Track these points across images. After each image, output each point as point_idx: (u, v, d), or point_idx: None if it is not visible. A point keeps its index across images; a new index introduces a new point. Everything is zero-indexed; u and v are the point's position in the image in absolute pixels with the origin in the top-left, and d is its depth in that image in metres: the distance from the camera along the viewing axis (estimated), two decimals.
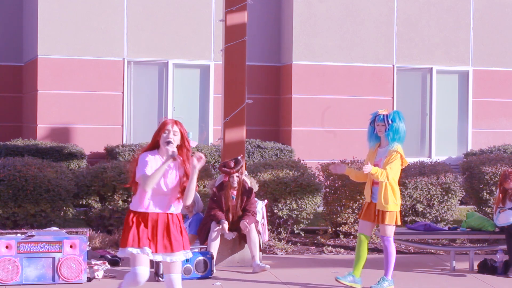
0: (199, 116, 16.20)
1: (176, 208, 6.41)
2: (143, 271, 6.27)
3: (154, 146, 6.40)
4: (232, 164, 9.59)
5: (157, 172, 6.21)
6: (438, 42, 16.68)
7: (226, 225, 9.48)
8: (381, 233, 8.67)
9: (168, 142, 6.27)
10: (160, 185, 6.29)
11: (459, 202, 12.14)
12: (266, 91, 16.57)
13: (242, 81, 10.07)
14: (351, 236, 11.60)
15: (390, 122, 8.56)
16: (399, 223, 8.68)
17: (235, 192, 9.65)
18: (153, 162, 6.29)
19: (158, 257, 6.33)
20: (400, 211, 8.78)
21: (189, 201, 6.41)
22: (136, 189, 6.38)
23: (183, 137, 6.41)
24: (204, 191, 10.86)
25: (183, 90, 16.09)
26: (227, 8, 10.05)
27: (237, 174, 9.59)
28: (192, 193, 6.33)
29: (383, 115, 8.60)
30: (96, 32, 15.54)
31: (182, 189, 6.35)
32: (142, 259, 6.29)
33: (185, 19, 15.94)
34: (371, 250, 10.72)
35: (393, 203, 8.54)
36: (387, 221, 8.53)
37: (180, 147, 6.39)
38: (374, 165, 8.61)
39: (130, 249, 6.26)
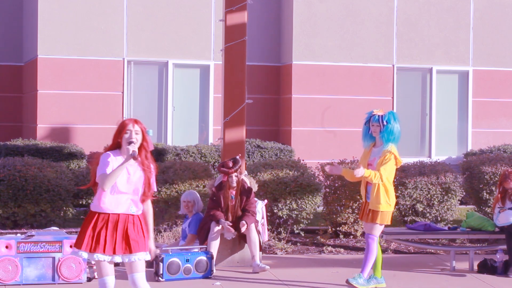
0: (199, 116, 16.20)
1: (138, 209, 6.32)
2: (110, 280, 6.31)
3: (115, 147, 6.32)
4: (230, 164, 9.59)
5: (116, 170, 6.13)
6: (438, 42, 16.68)
7: (226, 223, 9.45)
8: (367, 230, 8.64)
9: (130, 143, 6.19)
10: (122, 185, 6.23)
11: (459, 202, 12.14)
12: (266, 91, 16.57)
13: (242, 81, 10.07)
14: (351, 236, 11.60)
15: (385, 123, 8.57)
16: (389, 223, 8.67)
17: (234, 192, 9.64)
18: (114, 162, 6.21)
19: (117, 258, 6.26)
20: (394, 210, 8.73)
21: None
22: (96, 189, 6.30)
23: (143, 136, 6.32)
24: (204, 191, 10.86)
25: (183, 90, 16.09)
26: (227, 8, 10.05)
27: (235, 173, 9.59)
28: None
29: (378, 116, 8.62)
30: (96, 32, 15.54)
31: (145, 190, 6.31)
32: (107, 268, 6.28)
33: (185, 19, 15.94)
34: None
35: (385, 203, 8.52)
36: (377, 221, 8.52)
37: (140, 147, 6.32)
38: (368, 164, 8.63)
39: (81, 252, 6.25)
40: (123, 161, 6.18)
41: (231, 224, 9.51)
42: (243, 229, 9.46)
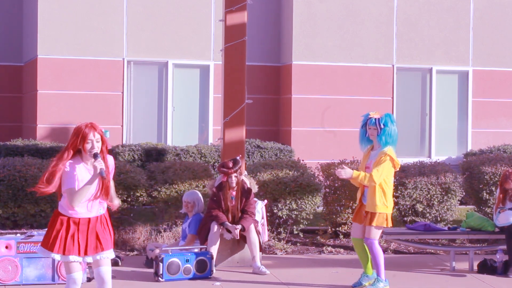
0: (199, 116, 16.20)
1: (104, 209, 6.46)
2: (78, 276, 6.45)
3: (76, 153, 6.37)
4: (230, 164, 9.59)
5: (84, 189, 6.24)
6: (438, 42, 16.68)
7: (234, 228, 9.44)
8: (366, 235, 8.59)
9: (96, 155, 6.26)
10: (90, 193, 6.33)
11: (458, 202, 12.14)
12: (266, 91, 16.57)
13: (242, 81, 10.07)
14: (351, 236, 11.59)
15: (382, 126, 8.53)
16: (389, 225, 8.63)
17: (234, 193, 9.64)
18: (79, 173, 6.29)
19: (88, 259, 6.41)
20: (394, 211, 8.70)
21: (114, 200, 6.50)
22: (61, 194, 6.37)
23: (103, 141, 6.40)
24: (204, 191, 10.86)
25: (183, 90, 16.10)
26: (227, 8, 10.05)
27: (235, 174, 9.59)
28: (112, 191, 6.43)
29: (375, 119, 8.58)
30: (96, 32, 15.54)
31: (104, 190, 6.35)
32: (77, 266, 6.42)
33: (185, 19, 15.95)
34: None
35: (382, 205, 8.47)
36: (374, 223, 8.48)
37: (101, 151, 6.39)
38: (366, 168, 8.59)
39: (53, 255, 6.36)
40: (90, 178, 6.25)
41: (239, 228, 9.49)
42: (236, 232, 9.44)
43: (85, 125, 6.39)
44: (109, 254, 6.45)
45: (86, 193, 6.26)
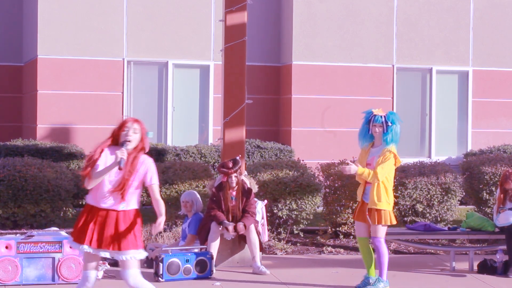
0: (199, 116, 16.20)
1: (127, 205, 6.37)
2: (92, 274, 6.45)
3: (114, 142, 6.42)
4: (230, 165, 9.59)
5: (101, 172, 6.27)
6: (438, 42, 16.68)
7: (231, 226, 9.45)
8: (372, 234, 8.58)
9: (124, 142, 6.29)
10: (109, 183, 6.33)
11: (459, 202, 12.14)
12: (266, 91, 16.57)
13: (242, 81, 10.07)
14: (351, 236, 11.60)
15: (389, 124, 8.51)
16: (393, 222, 8.63)
17: (234, 193, 9.64)
18: (108, 159, 6.31)
19: (104, 254, 6.36)
20: (394, 211, 8.69)
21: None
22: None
23: (142, 137, 6.42)
24: (204, 191, 10.86)
25: (183, 90, 16.09)
26: (227, 8, 10.05)
27: (235, 174, 9.59)
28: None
29: (381, 116, 8.55)
30: (96, 32, 15.54)
31: (122, 182, 6.31)
32: (90, 262, 6.42)
33: (185, 19, 15.94)
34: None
35: (385, 202, 8.47)
36: (382, 221, 8.48)
37: (136, 146, 6.38)
38: (367, 164, 8.57)
39: (79, 245, 6.38)
40: (110, 164, 6.27)
41: (234, 224, 9.50)
42: (240, 232, 9.46)
43: (129, 117, 6.46)
44: (132, 254, 6.32)
45: (101, 177, 6.24)
